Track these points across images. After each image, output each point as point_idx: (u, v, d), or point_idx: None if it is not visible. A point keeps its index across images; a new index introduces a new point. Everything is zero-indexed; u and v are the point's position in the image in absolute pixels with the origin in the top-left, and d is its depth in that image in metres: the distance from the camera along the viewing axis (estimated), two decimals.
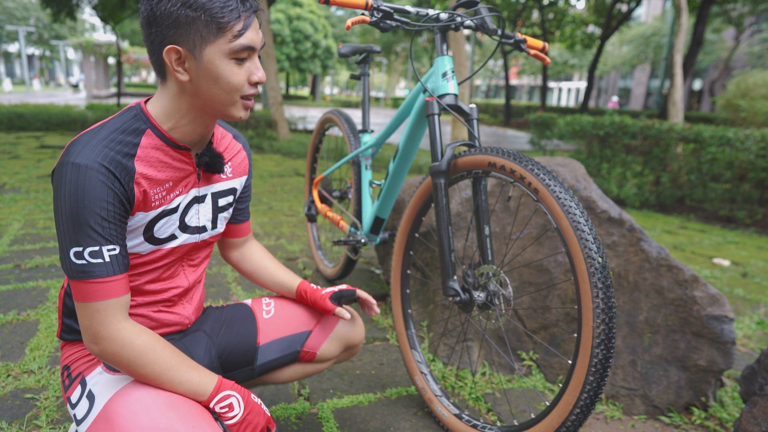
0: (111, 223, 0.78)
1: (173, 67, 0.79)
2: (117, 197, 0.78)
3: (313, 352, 1.13)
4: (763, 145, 4.35)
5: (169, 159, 0.86)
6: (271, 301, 1.17)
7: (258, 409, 0.89)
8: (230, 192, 1.01)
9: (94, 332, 0.80)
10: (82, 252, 0.77)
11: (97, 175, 0.76)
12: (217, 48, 0.78)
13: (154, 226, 0.87)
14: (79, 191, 0.75)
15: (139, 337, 0.81)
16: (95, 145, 0.78)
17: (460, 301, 1.20)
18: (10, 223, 2.98)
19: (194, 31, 0.77)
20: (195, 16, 0.76)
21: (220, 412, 0.85)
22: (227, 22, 0.77)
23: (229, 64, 0.80)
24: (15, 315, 1.85)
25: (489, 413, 1.48)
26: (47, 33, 38.96)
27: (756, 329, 2.16)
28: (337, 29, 34.81)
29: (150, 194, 0.84)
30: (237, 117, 0.86)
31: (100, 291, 0.78)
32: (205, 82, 0.80)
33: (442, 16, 1.30)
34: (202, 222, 0.96)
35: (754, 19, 21.24)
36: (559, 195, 1.03)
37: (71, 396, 0.89)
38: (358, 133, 2.07)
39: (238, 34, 0.79)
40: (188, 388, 0.84)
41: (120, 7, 10.96)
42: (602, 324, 0.97)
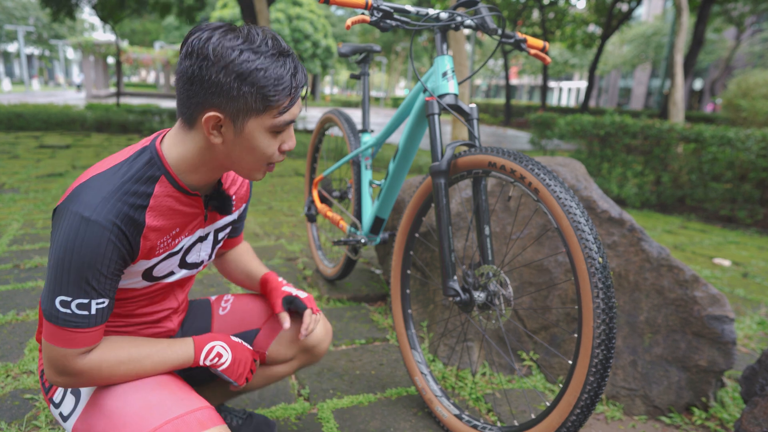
0: (108, 279, 0.76)
1: (208, 131, 0.76)
2: (121, 254, 0.76)
3: (262, 351, 1.09)
4: (763, 144, 4.34)
5: (179, 205, 0.83)
6: (230, 298, 1.16)
7: (242, 347, 0.95)
8: (230, 224, 1.01)
9: (60, 370, 0.78)
10: (70, 302, 0.74)
11: (107, 234, 0.73)
12: (260, 122, 0.76)
13: (154, 268, 0.86)
14: (83, 245, 0.72)
15: (105, 359, 0.80)
16: (108, 198, 0.74)
17: (460, 301, 1.20)
18: (9, 223, 2.98)
19: (241, 104, 0.74)
20: (247, 90, 0.73)
21: (212, 363, 0.90)
22: (276, 101, 0.75)
23: (267, 136, 0.78)
24: (14, 315, 1.85)
25: (489, 413, 1.48)
26: (46, 32, 38.96)
27: (757, 329, 2.16)
28: (337, 29, 34.80)
29: (156, 245, 0.83)
30: (255, 179, 0.85)
31: (76, 340, 0.76)
32: (239, 149, 0.79)
33: (442, 15, 1.30)
34: (201, 257, 0.96)
35: (755, 19, 21.22)
36: (559, 195, 1.03)
37: (53, 397, 0.89)
38: (358, 132, 2.07)
39: (284, 110, 0.77)
40: (173, 362, 0.86)
41: (119, 6, 10.96)
42: (603, 324, 0.97)
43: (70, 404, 0.85)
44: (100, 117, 8.34)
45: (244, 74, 0.72)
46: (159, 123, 8.83)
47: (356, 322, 2.03)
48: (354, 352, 1.79)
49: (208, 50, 0.71)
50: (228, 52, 0.71)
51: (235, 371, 0.92)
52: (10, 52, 42.04)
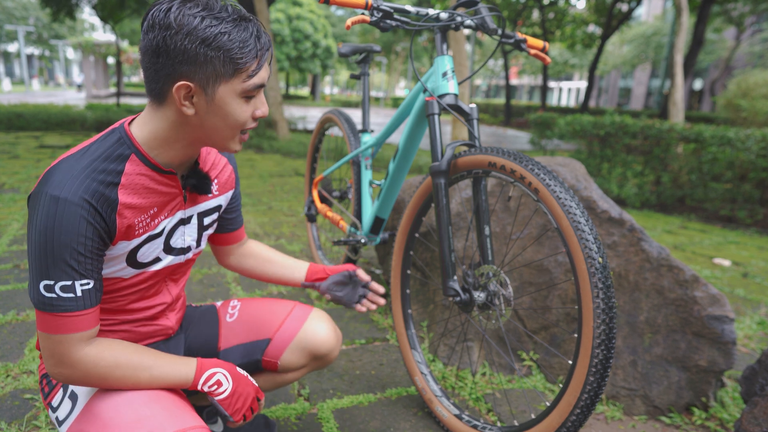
0: (87, 258, 0.75)
1: (180, 101, 0.77)
2: (97, 232, 0.75)
3: (274, 361, 1.08)
4: (763, 144, 4.34)
5: (154, 184, 0.83)
6: (237, 304, 1.15)
7: (246, 381, 0.90)
8: (216, 209, 0.99)
9: (56, 361, 0.78)
10: (53, 286, 0.73)
11: (78, 210, 0.72)
12: (231, 87, 0.77)
13: (137, 252, 0.85)
14: (56, 225, 0.71)
15: (102, 358, 0.79)
16: (77, 176, 0.74)
17: (460, 301, 1.20)
18: (9, 223, 2.98)
19: (210, 70, 0.75)
20: (213, 55, 0.73)
21: (209, 390, 0.85)
22: (244, 63, 0.76)
23: (239, 101, 0.79)
24: (14, 315, 1.85)
25: (489, 413, 1.48)
26: (46, 33, 38.96)
27: (757, 329, 2.16)
28: (337, 29, 34.80)
29: (134, 224, 0.81)
30: (233, 150, 0.85)
31: (68, 325, 0.75)
32: (213, 117, 0.79)
33: (442, 15, 1.30)
34: (187, 243, 0.94)
35: (755, 19, 21.22)
36: (559, 195, 1.03)
37: (52, 401, 0.88)
38: (358, 132, 2.07)
39: (252, 73, 0.77)
40: (171, 381, 0.83)
41: (119, 6, 10.96)
42: (603, 324, 0.97)
43: (66, 409, 0.85)
44: (100, 117, 8.33)
45: (209, 39, 0.72)
46: None
47: (356, 322, 2.03)
48: (354, 352, 1.79)
49: (170, 20, 0.72)
50: (189, 19, 0.72)
51: (233, 404, 0.87)
52: (10, 52, 42.04)
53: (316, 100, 32.57)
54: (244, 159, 6.36)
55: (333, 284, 1.10)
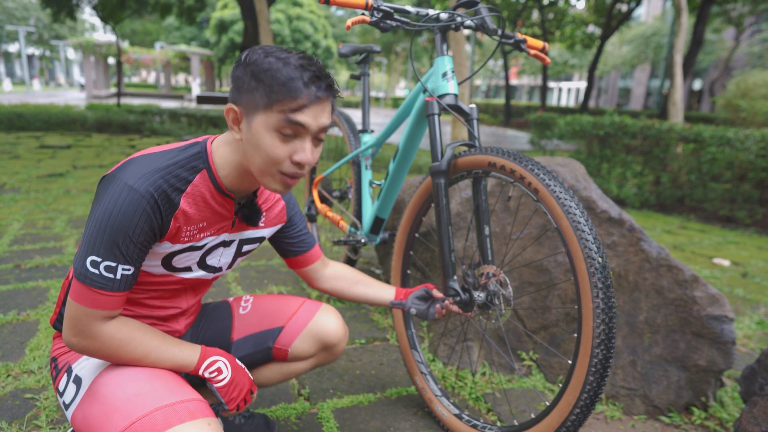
0: (137, 247, 0.80)
1: (230, 124, 0.84)
2: (152, 226, 0.81)
3: (285, 349, 1.12)
4: (763, 145, 4.35)
5: (212, 202, 0.88)
6: (249, 298, 1.19)
7: (243, 372, 0.95)
8: (258, 240, 1.04)
9: (77, 330, 0.82)
10: (99, 263, 0.78)
11: (143, 202, 0.78)
12: (266, 119, 0.80)
13: (174, 256, 0.90)
14: (122, 211, 0.77)
15: (119, 331, 0.84)
16: (152, 172, 0.80)
17: (460, 301, 1.20)
18: (10, 223, 2.98)
19: (251, 98, 0.80)
20: (256, 86, 0.79)
21: (209, 376, 0.90)
22: (280, 98, 0.78)
23: (273, 136, 0.80)
24: (15, 315, 1.85)
25: (489, 413, 1.48)
26: (47, 33, 38.95)
27: (756, 329, 2.16)
28: (337, 29, 34.79)
29: (183, 230, 0.86)
30: (271, 188, 0.86)
31: (98, 301, 0.80)
32: (250, 147, 0.82)
33: (442, 16, 1.30)
34: (221, 263, 0.99)
35: (754, 19, 21.22)
36: (559, 195, 1.03)
37: (59, 385, 0.92)
38: (358, 133, 2.07)
39: (291, 110, 0.79)
40: (175, 362, 0.88)
41: (120, 7, 10.96)
42: (602, 324, 0.97)
43: (72, 393, 0.88)
44: (100, 117, 8.33)
45: (258, 72, 0.79)
46: (159, 123, 8.83)
47: (356, 322, 2.03)
48: (354, 352, 1.79)
49: (246, 56, 0.81)
50: (258, 56, 0.80)
51: (230, 392, 0.92)
52: (11, 53, 42.03)
53: None
54: None
55: (415, 299, 1.19)
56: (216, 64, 27.84)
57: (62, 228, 2.95)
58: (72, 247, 2.62)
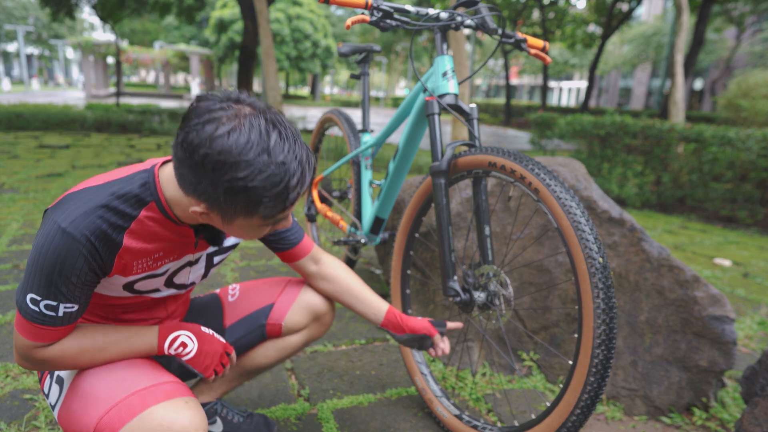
0: (78, 287, 0.77)
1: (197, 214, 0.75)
2: (92, 268, 0.77)
3: (278, 323, 1.13)
4: (764, 144, 4.34)
5: (165, 232, 0.83)
6: (236, 286, 1.20)
7: (211, 339, 0.93)
8: (228, 249, 1.01)
9: (26, 356, 0.81)
10: (39, 302, 0.75)
11: (79, 248, 0.73)
12: (249, 221, 0.75)
13: (135, 284, 0.87)
14: (55, 254, 0.73)
15: (68, 348, 0.82)
16: (89, 212, 0.74)
17: (460, 301, 1.19)
18: (8, 223, 2.98)
19: (230, 209, 0.71)
20: (238, 198, 0.69)
21: (176, 352, 0.89)
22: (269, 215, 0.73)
23: (254, 228, 0.78)
24: (14, 315, 1.84)
25: (489, 414, 1.48)
26: (46, 32, 38.95)
27: (757, 329, 2.16)
28: (337, 29, 34.78)
29: (133, 264, 0.82)
30: None
31: (41, 335, 0.78)
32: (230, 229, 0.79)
33: (442, 15, 1.29)
34: (191, 280, 0.98)
35: (755, 19, 21.20)
36: (559, 195, 1.03)
37: (44, 388, 0.92)
38: (358, 132, 2.07)
39: (275, 221, 0.77)
40: (138, 350, 0.87)
41: (119, 6, 10.96)
42: (603, 324, 0.96)
43: (56, 394, 0.88)
44: (99, 117, 8.33)
45: (240, 181, 0.67)
46: (159, 123, 8.83)
47: (356, 322, 2.03)
48: (354, 352, 1.79)
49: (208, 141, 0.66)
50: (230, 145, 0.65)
51: (201, 363, 0.90)
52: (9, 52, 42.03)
53: (316, 100, 32.57)
54: None
55: (409, 340, 1.13)
56: (215, 63, 27.81)
57: None
58: None
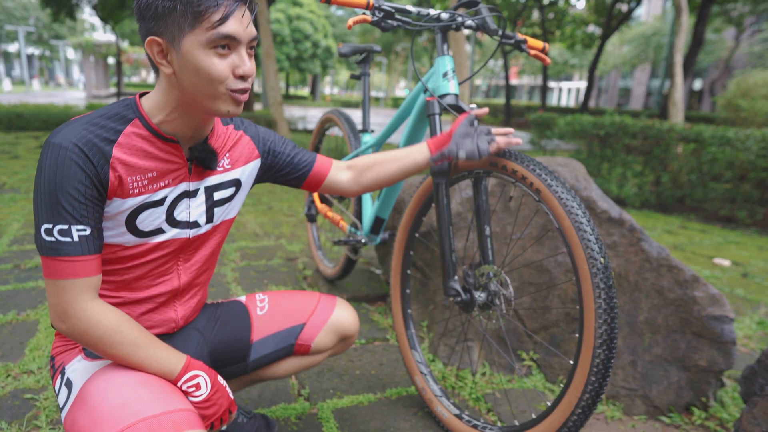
0: (82, 204, 0.78)
1: (156, 60, 0.80)
2: (89, 178, 0.78)
3: (307, 344, 1.14)
4: (763, 145, 4.34)
5: (154, 150, 0.85)
6: (264, 297, 1.18)
7: (223, 391, 0.91)
8: (231, 183, 0.98)
9: (62, 310, 0.80)
10: (52, 229, 0.77)
11: (71, 155, 0.76)
12: (195, 38, 0.76)
13: (136, 217, 0.86)
14: (51, 168, 0.76)
15: (107, 318, 0.81)
16: (75, 127, 0.79)
17: (460, 301, 1.20)
18: (9, 223, 2.98)
19: (172, 22, 0.76)
20: (171, 5, 0.75)
21: (187, 390, 0.86)
22: (203, 11, 0.75)
23: (209, 54, 0.78)
24: (15, 315, 1.85)
25: (489, 413, 1.48)
26: (47, 33, 38.96)
27: (756, 329, 2.16)
28: (338, 29, 34.80)
29: (128, 181, 0.83)
30: (225, 112, 0.83)
31: (68, 269, 0.78)
32: (187, 74, 0.79)
33: (442, 16, 1.30)
34: (194, 217, 0.93)
35: (755, 19, 21.22)
36: (561, 195, 1.03)
37: (55, 386, 0.91)
38: (358, 132, 2.07)
39: (217, 23, 0.76)
40: (157, 367, 0.85)
41: (119, 6, 10.96)
42: (604, 324, 0.97)
43: (64, 396, 0.87)
44: None
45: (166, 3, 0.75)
46: None
47: None
48: (354, 352, 1.79)
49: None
50: None
51: (205, 410, 0.87)
52: (10, 53, 42.04)
53: (316, 101, 32.57)
54: None
55: (460, 139, 1.07)
56: None
57: None
58: None
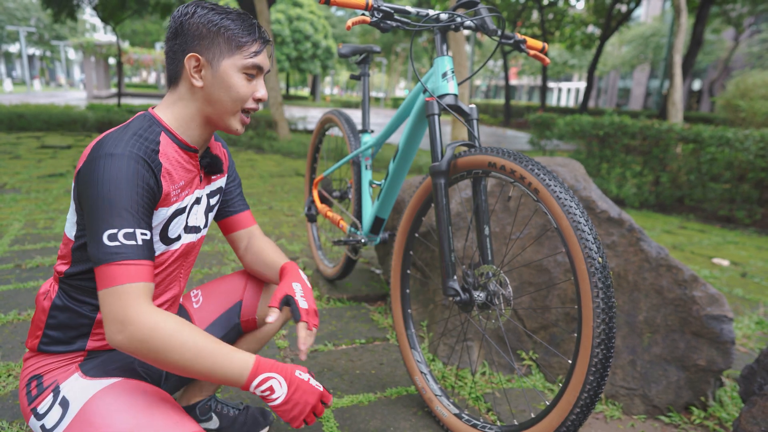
0: (143, 208, 0.81)
1: (191, 73, 0.89)
2: (149, 185, 0.83)
3: (252, 318, 1.15)
4: (762, 145, 4.35)
5: (182, 160, 0.92)
6: (198, 291, 1.18)
7: (305, 386, 0.84)
8: (218, 191, 1.07)
9: (122, 317, 0.75)
10: (117, 234, 0.77)
11: (134, 163, 0.81)
12: (233, 62, 0.90)
13: (169, 225, 0.92)
14: (117, 176, 0.79)
15: (167, 321, 0.77)
16: (128, 141, 0.83)
17: (460, 300, 1.20)
18: (10, 223, 2.99)
19: (216, 45, 0.89)
20: (218, 32, 0.88)
21: (262, 395, 0.81)
22: (245, 42, 0.90)
23: (240, 77, 0.91)
24: (16, 315, 1.85)
25: (489, 413, 1.48)
26: (48, 33, 38.95)
27: (755, 329, 2.17)
28: (337, 29, 34.81)
29: (170, 191, 0.89)
30: (234, 129, 0.94)
31: (130, 273, 0.76)
32: (218, 89, 0.90)
33: (442, 16, 1.30)
34: (199, 222, 1.01)
35: (753, 20, 21.23)
36: (559, 195, 1.03)
37: (38, 407, 0.85)
38: (358, 133, 2.08)
39: (252, 54, 0.91)
40: (224, 375, 0.79)
41: (120, 7, 10.96)
42: (602, 324, 0.97)
43: (56, 417, 0.83)
44: (101, 117, 8.34)
45: (216, 22, 0.88)
46: None
47: (356, 321, 2.03)
48: (354, 351, 1.80)
49: (186, 9, 0.89)
50: (202, 10, 0.90)
51: (288, 412, 0.82)
52: (11, 53, 42.04)
53: (316, 101, 32.58)
54: (245, 159, 6.37)
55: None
56: None
57: (63, 228, 2.95)
58: None
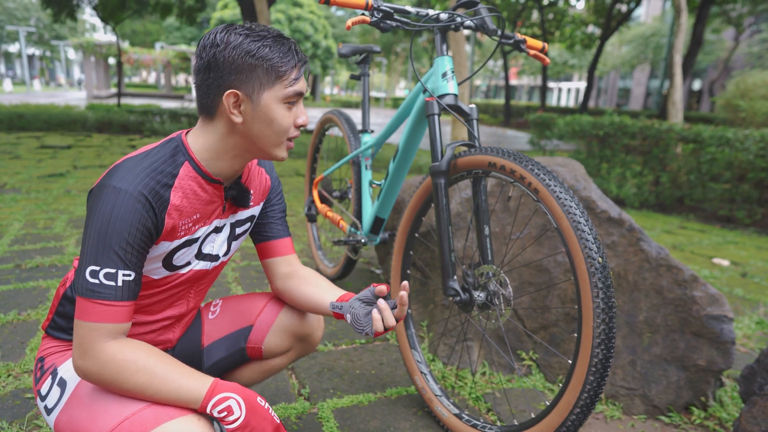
0: (134, 249, 0.80)
1: (229, 110, 0.83)
2: (147, 226, 0.80)
3: (258, 347, 1.09)
4: (762, 145, 4.35)
5: (201, 191, 0.89)
6: (218, 302, 1.16)
7: (264, 413, 0.82)
8: (248, 220, 1.03)
9: (84, 349, 0.78)
10: (98, 272, 0.78)
11: (135, 203, 0.78)
12: (273, 93, 0.84)
13: (174, 254, 0.89)
14: (114, 213, 0.77)
15: (121, 351, 0.79)
16: (139, 173, 0.81)
17: (460, 300, 1.20)
18: (10, 223, 2.98)
19: (254, 78, 0.83)
20: (256, 64, 0.82)
21: (219, 416, 0.79)
22: (285, 71, 0.84)
23: (282, 108, 0.86)
24: (15, 315, 1.85)
25: (489, 413, 1.48)
26: (48, 33, 38.96)
27: (755, 329, 2.17)
28: (337, 29, 34.81)
29: (178, 226, 0.87)
30: (280, 157, 0.90)
31: (102, 313, 0.78)
32: (259, 124, 0.85)
33: (442, 16, 1.30)
34: (216, 251, 0.98)
35: (754, 20, 21.23)
36: (559, 195, 1.03)
37: (41, 388, 0.89)
38: (358, 133, 2.08)
39: (293, 81, 0.85)
40: (178, 396, 0.79)
41: (120, 7, 10.96)
42: (602, 324, 0.97)
43: (55, 397, 0.86)
44: (101, 117, 8.33)
45: (252, 51, 0.82)
46: (160, 123, 8.83)
47: None
48: (354, 351, 1.80)
49: (217, 39, 0.82)
50: (235, 37, 0.82)
51: None
52: (11, 53, 42.04)
53: (316, 101, 32.59)
54: None
55: (357, 301, 0.97)
56: None
57: (63, 228, 2.95)
58: (72, 247, 2.62)
